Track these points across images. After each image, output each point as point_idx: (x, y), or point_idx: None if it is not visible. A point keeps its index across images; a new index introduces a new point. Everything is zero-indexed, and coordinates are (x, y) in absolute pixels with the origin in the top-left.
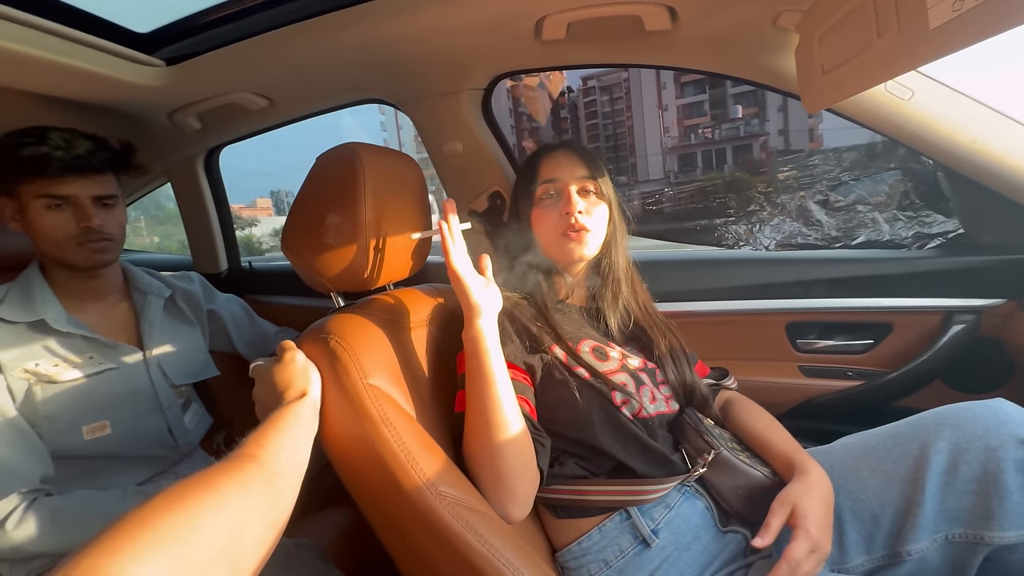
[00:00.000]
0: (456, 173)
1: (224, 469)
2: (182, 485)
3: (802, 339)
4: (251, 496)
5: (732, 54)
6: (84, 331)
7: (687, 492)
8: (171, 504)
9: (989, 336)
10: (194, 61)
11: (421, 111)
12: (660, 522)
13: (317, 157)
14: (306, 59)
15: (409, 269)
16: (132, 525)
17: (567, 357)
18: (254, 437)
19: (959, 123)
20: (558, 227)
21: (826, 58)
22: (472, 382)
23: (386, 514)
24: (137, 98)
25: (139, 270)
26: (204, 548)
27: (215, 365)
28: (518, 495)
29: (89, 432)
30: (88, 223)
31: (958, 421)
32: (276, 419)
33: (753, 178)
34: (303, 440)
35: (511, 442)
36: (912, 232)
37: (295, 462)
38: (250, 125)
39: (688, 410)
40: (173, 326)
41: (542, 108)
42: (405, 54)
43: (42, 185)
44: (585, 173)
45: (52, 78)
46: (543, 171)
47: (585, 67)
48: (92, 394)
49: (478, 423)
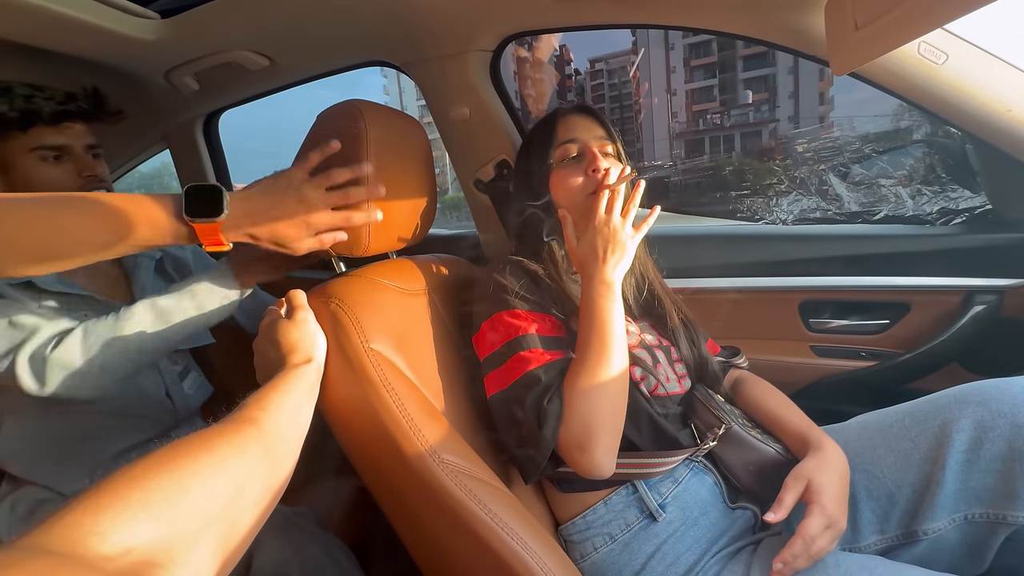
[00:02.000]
0: (462, 140)
1: (222, 431)
2: (177, 445)
3: (815, 318)
4: (248, 460)
5: (756, 12)
6: (77, 290)
7: (695, 467)
8: (164, 464)
9: (1011, 318)
10: (190, 13)
11: (426, 74)
12: (668, 496)
13: (319, 114)
14: (308, 14)
15: (413, 237)
16: (121, 483)
17: None
18: (255, 399)
19: (995, 90)
20: (585, 187)
21: (861, 11)
22: (601, 337)
23: (388, 482)
24: (132, 53)
25: None
26: (195, 512)
27: (211, 334)
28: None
29: None
30: (93, 172)
31: (983, 398)
32: (279, 381)
33: (763, 162)
34: (305, 406)
35: (622, 388)
36: (937, 207)
37: (296, 428)
38: (250, 87)
39: (698, 385)
40: (163, 291)
41: (547, 89)
42: (411, 11)
43: (34, 136)
44: (603, 134)
45: (43, 27)
46: (560, 132)
47: (600, 27)
48: None
49: (608, 368)
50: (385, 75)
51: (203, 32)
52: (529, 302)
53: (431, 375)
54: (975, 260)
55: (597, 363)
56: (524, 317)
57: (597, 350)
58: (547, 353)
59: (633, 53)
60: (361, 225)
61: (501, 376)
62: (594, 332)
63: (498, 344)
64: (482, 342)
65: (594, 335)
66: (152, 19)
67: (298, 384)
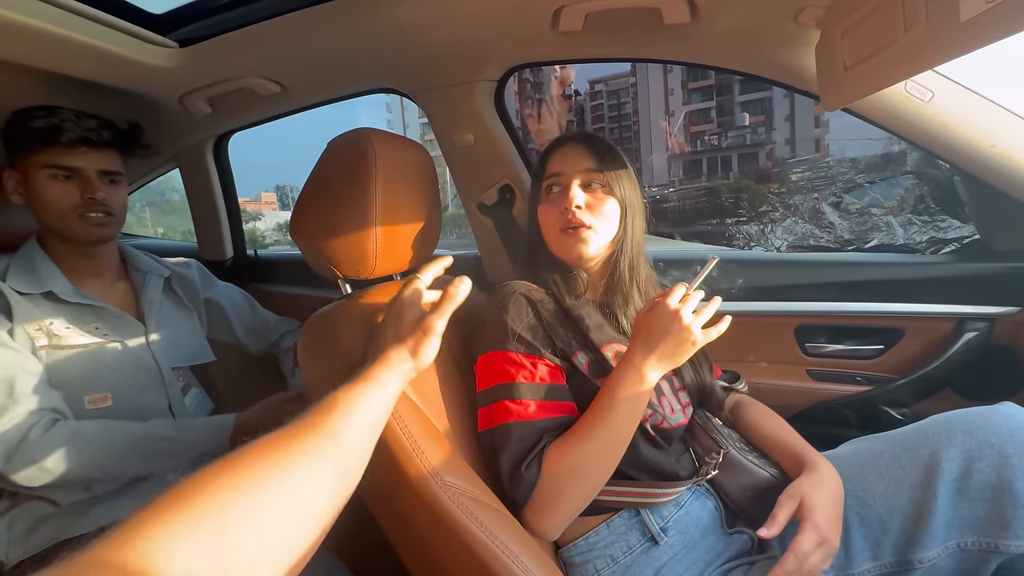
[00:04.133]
0: (466, 165)
1: (298, 440)
2: (248, 455)
3: (811, 343)
4: (319, 479)
5: (750, 50)
6: (92, 302)
7: (697, 491)
8: (233, 480)
9: (1002, 344)
10: (207, 43)
11: (433, 101)
12: (669, 520)
13: (329, 141)
14: (320, 44)
15: (417, 259)
16: (189, 497)
17: (590, 365)
18: (341, 400)
19: (979, 127)
20: (558, 223)
21: (848, 54)
22: (615, 415)
23: (390, 503)
24: (149, 79)
25: (137, 251)
26: (259, 535)
27: (213, 352)
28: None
29: (91, 402)
30: (93, 195)
31: (969, 427)
32: (369, 382)
33: (760, 184)
34: (383, 418)
35: (607, 474)
36: (927, 236)
37: (371, 438)
38: (261, 111)
39: (698, 410)
40: (171, 308)
41: (547, 110)
42: (420, 42)
43: (51, 155)
44: (590, 165)
45: (68, 55)
46: (550, 165)
47: (601, 60)
48: (97, 363)
49: (601, 457)
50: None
51: (218, 60)
52: (526, 344)
53: (434, 396)
54: (965, 288)
55: (594, 452)
56: (518, 363)
57: (600, 439)
58: (534, 405)
59: (632, 75)
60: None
61: (486, 416)
62: (606, 420)
63: (488, 384)
64: (479, 374)
65: (604, 423)
66: (171, 48)
67: (388, 389)
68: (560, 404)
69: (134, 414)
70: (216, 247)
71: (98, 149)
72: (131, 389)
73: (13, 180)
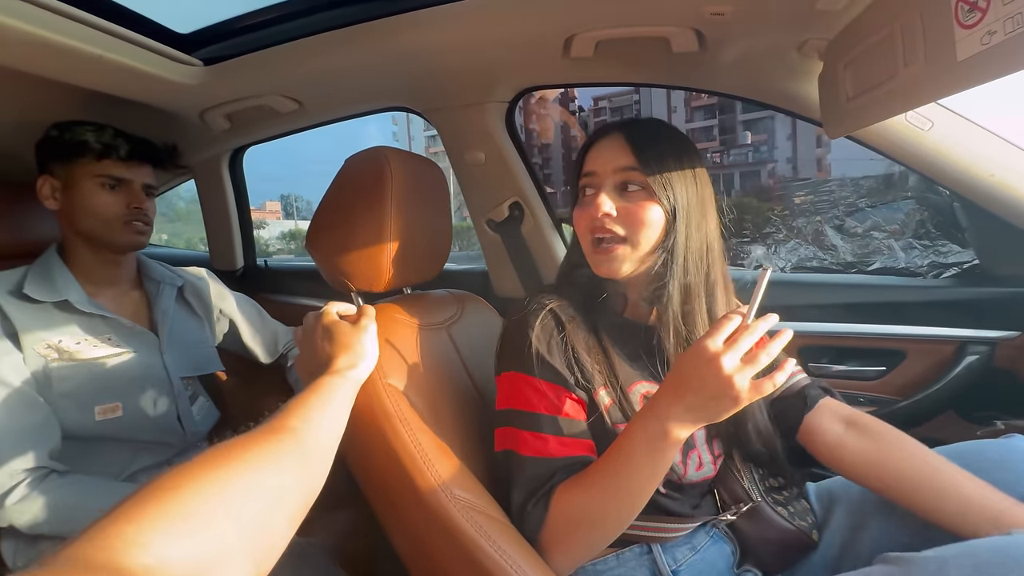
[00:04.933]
0: (476, 182)
1: (259, 440)
2: (214, 454)
3: (815, 363)
4: (284, 472)
5: (755, 79)
6: (105, 312)
7: (715, 535)
8: (202, 474)
9: (1003, 368)
10: (231, 62)
11: (446, 120)
12: (683, 564)
13: (346, 159)
14: (339, 66)
15: (428, 273)
16: (160, 493)
17: (611, 407)
18: (295, 406)
19: (978, 156)
20: (588, 231)
21: (851, 85)
22: (632, 469)
23: (399, 514)
24: (174, 95)
25: (152, 261)
26: (231, 525)
27: (221, 362)
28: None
29: (101, 413)
30: (140, 205)
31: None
32: (321, 388)
33: (763, 203)
34: (341, 418)
35: (621, 526)
36: (927, 261)
37: (332, 438)
38: (277, 127)
39: (734, 453)
40: (183, 317)
41: (551, 125)
42: (435, 65)
43: (106, 166)
44: (627, 163)
45: (99, 73)
46: (586, 162)
47: (609, 84)
48: (108, 375)
49: (611, 511)
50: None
51: (240, 79)
52: (552, 372)
53: (444, 410)
54: (966, 312)
55: (602, 505)
56: (540, 392)
57: (610, 492)
58: (552, 441)
59: (636, 92)
60: None
61: (503, 438)
62: (617, 474)
63: (507, 405)
64: (500, 390)
65: (615, 476)
66: (196, 66)
67: (339, 392)
68: (579, 442)
69: (144, 424)
70: (228, 257)
71: (146, 164)
72: (141, 399)
73: (48, 186)
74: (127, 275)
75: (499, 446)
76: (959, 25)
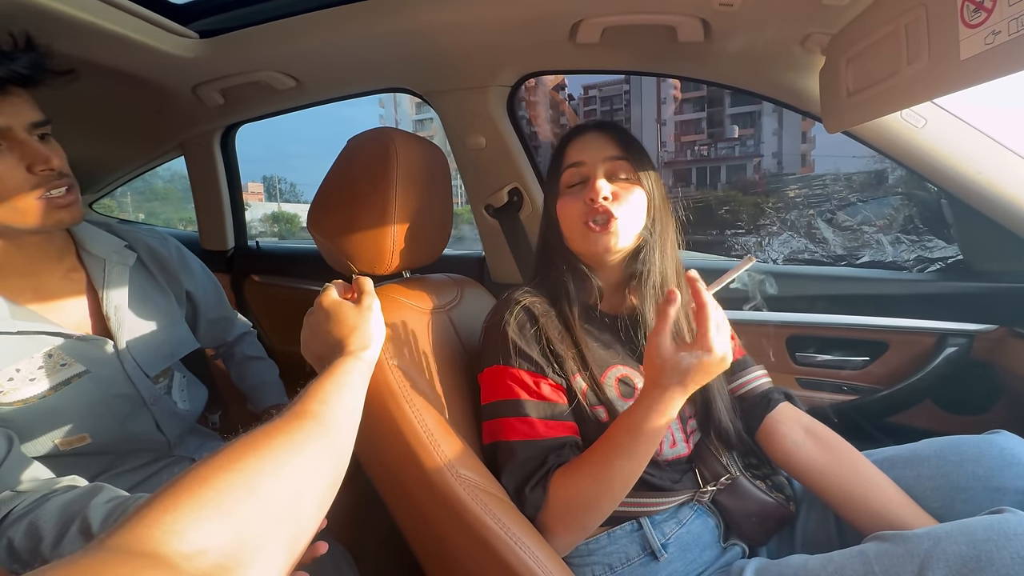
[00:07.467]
0: (476, 166)
1: (283, 428)
2: (243, 444)
3: (801, 352)
4: (310, 457)
5: (758, 71)
6: (41, 326)
7: (699, 509)
8: (233, 463)
9: (980, 360)
10: (227, 36)
11: (447, 103)
12: (671, 537)
13: (349, 139)
14: (340, 43)
15: (429, 257)
16: (195, 483)
17: (587, 391)
18: (314, 391)
19: (967, 154)
20: (581, 216)
21: (852, 80)
22: (637, 446)
23: (404, 492)
24: (166, 67)
25: (92, 227)
26: (263, 512)
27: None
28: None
29: (65, 444)
30: (47, 164)
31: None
32: (337, 371)
33: (749, 197)
34: (360, 397)
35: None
36: (914, 255)
37: (354, 419)
38: (272, 104)
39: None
40: (142, 301)
41: (542, 112)
42: (438, 46)
43: None
44: (615, 153)
45: (90, 41)
46: (569, 155)
47: (613, 72)
48: (62, 408)
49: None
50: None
51: (237, 53)
52: (529, 361)
53: (446, 392)
54: (947, 305)
55: (607, 486)
56: (521, 380)
57: (613, 472)
58: (539, 424)
59: (626, 82)
60: None
61: (490, 429)
62: (620, 455)
63: (491, 399)
64: (483, 386)
65: (618, 457)
66: (191, 38)
67: (355, 374)
68: (563, 424)
69: (119, 442)
70: (218, 237)
71: (15, 94)
72: (110, 423)
73: None
74: (62, 254)
75: (487, 439)
76: (964, 24)
